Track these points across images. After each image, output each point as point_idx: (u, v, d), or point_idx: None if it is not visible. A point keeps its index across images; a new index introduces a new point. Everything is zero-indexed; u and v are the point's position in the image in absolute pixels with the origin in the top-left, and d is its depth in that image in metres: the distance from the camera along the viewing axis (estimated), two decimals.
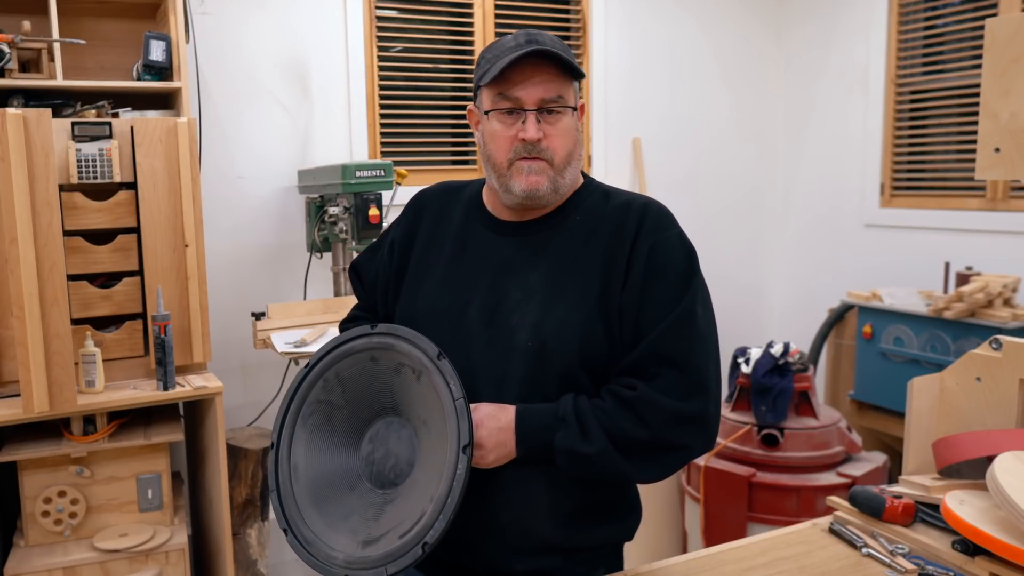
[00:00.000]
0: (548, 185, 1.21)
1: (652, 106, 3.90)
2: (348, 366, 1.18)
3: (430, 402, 1.12)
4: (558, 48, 1.19)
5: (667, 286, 1.19)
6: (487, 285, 1.24)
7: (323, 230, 2.81)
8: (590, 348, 1.18)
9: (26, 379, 2.09)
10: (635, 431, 1.13)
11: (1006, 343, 1.41)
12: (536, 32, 1.22)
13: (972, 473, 1.40)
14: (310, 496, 1.16)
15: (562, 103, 1.20)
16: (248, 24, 3.07)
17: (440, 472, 1.08)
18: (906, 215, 3.61)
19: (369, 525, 1.13)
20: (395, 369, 1.16)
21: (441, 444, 1.09)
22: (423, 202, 1.38)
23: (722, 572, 1.27)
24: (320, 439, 1.19)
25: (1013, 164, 1.38)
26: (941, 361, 2.91)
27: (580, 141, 1.26)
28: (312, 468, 1.18)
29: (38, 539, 2.28)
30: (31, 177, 2.07)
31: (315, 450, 1.19)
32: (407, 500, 1.13)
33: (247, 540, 2.65)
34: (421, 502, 1.09)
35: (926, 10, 3.56)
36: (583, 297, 1.20)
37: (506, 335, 1.20)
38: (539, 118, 1.19)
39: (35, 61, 2.44)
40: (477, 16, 3.50)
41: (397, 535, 1.08)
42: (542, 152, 1.20)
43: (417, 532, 1.05)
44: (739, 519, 2.76)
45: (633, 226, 1.22)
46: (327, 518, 1.15)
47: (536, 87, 1.19)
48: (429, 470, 1.12)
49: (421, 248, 1.33)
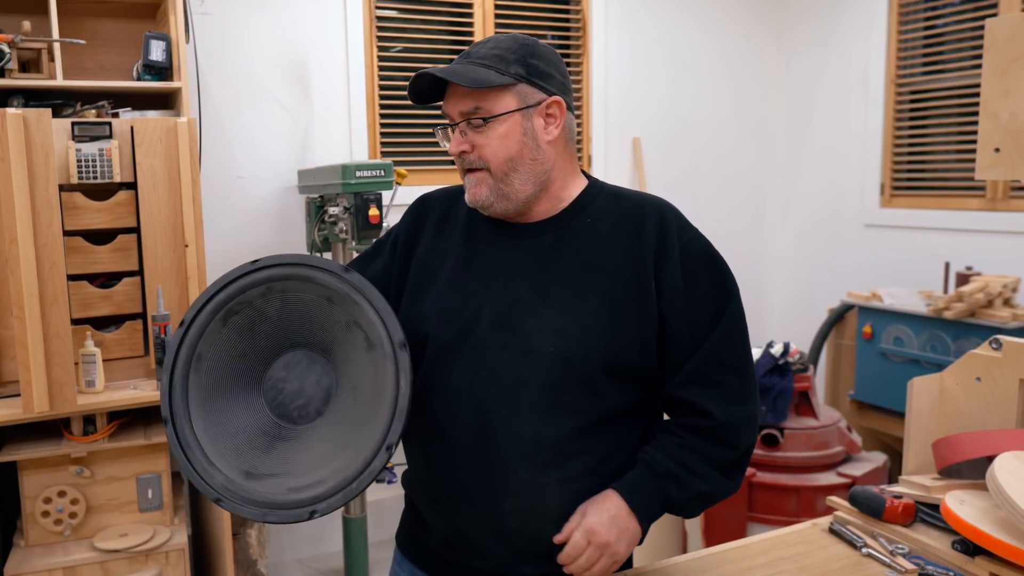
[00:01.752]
0: (488, 194, 1.21)
1: (652, 106, 3.90)
2: (300, 289, 1.11)
3: (368, 377, 1.08)
4: (484, 60, 1.19)
5: (706, 289, 1.21)
6: (498, 288, 1.22)
7: (323, 230, 2.81)
8: (615, 353, 1.17)
9: (26, 379, 2.09)
10: (727, 454, 1.21)
11: (1006, 343, 1.41)
12: (480, 42, 1.24)
13: (972, 473, 1.40)
14: (203, 393, 1.09)
15: (481, 113, 1.19)
16: (248, 24, 3.07)
17: (349, 446, 1.05)
18: (906, 215, 3.61)
19: (256, 455, 1.08)
20: (347, 324, 1.10)
21: (362, 420, 1.07)
22: (427, 205, 1.37)
23: (722, 572, 1.27)
24: (235, 339, 1.11)
25: (1013, 164, 1.38)
26: (941, 361, 2.91)
27: (534, 144, 1.21)
28: (217, 365, 1.10)
29: (38, 539, 2.28)
30: (31, 177, 2.07)
31: (225, 348, 1.11)
32: (303, 449, 1.09)
33: (247, 540, 2.65)
34: (319, 464, 1.06)
35: (926, 10, 3.56)
36: (606, 301, 1.18)
37: (522, 338, 1.18)
38: (465, 130, 1.20)
39: (35, 61, 2.44)
40: (477, 16, 3.50)
41: (286, 486, 1.05)
42: (474, 163, 1.21)
43: (309, 497, 1.03)
44: (739, 519, 2.76)
45: (654, 229, 1.22)
46: (213, 426, 1.08)
47: (455, 102, 1.20)
48: (336, 435, 1.08)
49: (425, 251, 1.31)
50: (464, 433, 1.18)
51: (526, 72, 1.20)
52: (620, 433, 1.22)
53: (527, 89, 1.20)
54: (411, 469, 1.31)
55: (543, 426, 1.16)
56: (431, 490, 1.24)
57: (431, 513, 1.25)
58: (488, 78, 1.17)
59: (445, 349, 1.21)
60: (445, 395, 1.20)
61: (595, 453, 1.19)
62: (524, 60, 1.21)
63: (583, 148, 3.80)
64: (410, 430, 1.28)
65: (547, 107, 1.22)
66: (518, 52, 1.21)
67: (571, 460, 1.17)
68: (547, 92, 1.22)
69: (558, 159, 1.24)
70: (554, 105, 1.22)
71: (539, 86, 1.21)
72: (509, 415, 1.16)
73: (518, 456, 1.16)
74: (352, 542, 2.84)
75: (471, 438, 1.17)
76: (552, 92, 1.22)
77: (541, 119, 1.21)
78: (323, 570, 3.19)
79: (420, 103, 1.25)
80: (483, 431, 1.17)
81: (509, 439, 1.16)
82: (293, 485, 1.05)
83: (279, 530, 3.19)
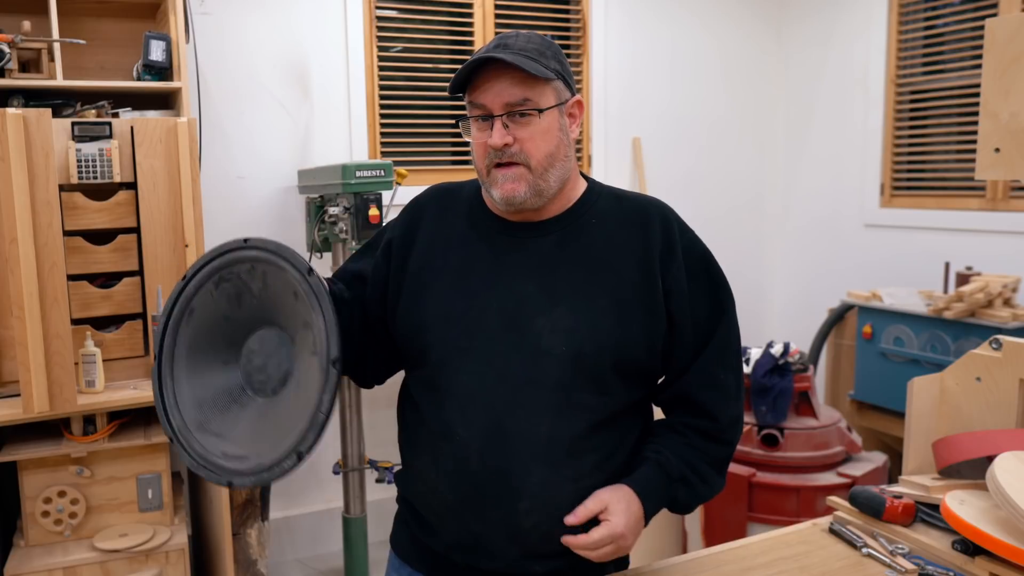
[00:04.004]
0: (526, 190, 1.19)
1: (652, 106, 3.90)
2: (276, 276, 1.15)
3: (309, 378, 1.10)
4: (525, 52, 1.17)
5: (707, 291, 1.25)
6: (504, 288, 1.21)
7: (323, 230, 2.81)
8: (625, 351, 1.18)
9: (26, 379, 2.09)
10: (724, 452, 1.27)
11: (1006, 343, 1.41)
12: (510, 35, 1.20)
13: (972, 473, 1.40)
14: (188, 343, 1.17)
15: (531, 105, 1.17)
16: (248, 24, 3.07)
17: (276, 436, 1.08)
18: (906, 215, 3.61)
19: (213, 412, 1.15)
20: (304, 323, 1.13)
21: (294, 416, 1.08)
22: (421, 205, 1.34)
23: (722, 572, 1.27)
24: (223, 303, 1.17)
25: (1013, 164, 1.38)
26: (941, 361, 2.91)
27: (567, 141, 1.22)
28: (205, 322, 1.17)
29: (38, 539, 2.28)
30: (31, 177, 2.07)
31: (214, 309, 1.17)
32: (247, 420, 1.14)
33: (247, 540, 2.65)
34: (252, 440, 1.10)
35: (926, 10, 3.56)
36: (614, 300, 1.19)
37: (532, 339, 1.17)
38: (507, 123, 1.17)
39: (35, 61, 2.44)
40: (477, 16, 3.50)
41: (221, 449, 1.10)
42: (515, 156, 1.18)
43: (231, 468, 1.08)
44: (739, 519, 2.76)
45: (659, 230, 1.23)
46: (188, 374, 1.16)
47: (500, 92, 1.16)
48: (273, 420, 1.12)
49: (422, 252, 1.28)
50: (476, 435, 1.17)
51: (561, 69, 1.21)
52: (624, 430, 1.23)
53: (561, 86, 1.21)
54: (414, 473, 1.28)
55: (557, 426, 1.16)
56: (440, 494, 1.21)
57: (439, 517, 1.23)
58: (543, 70, 1.17)
59: (451, 351, 1.20)
60: (453, 397, 1.19)
61: (603, 450, 1.20)
62: (557, 57, 1.22)
63: (583, 148, 3.80)
64: (413, 434, 1.27)
65: (571, 106, 1.24)
66: (551, 48, 1.22)
67: (582, 458, 1.18)
68: (572, 91, 1.24)
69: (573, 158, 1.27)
70: (575, 105, 1.24)
71: (568, 84, 1.23)
72: (523, 416, 1.16)
73: (533, 457, 1.16)
74: (352, 542, 2.84)
75: (484, 440, 1.16)
76: (574, 91, 1.25)
77: (566, 117, 1.23)
78: (323, 570, 3.19)
79: (453, 92, 1.22)
80: (496, 433, 1.16)
81: (524, 440, 1.16)
82: (226, 451, 1.11)
83: (279, 530, 3.20)
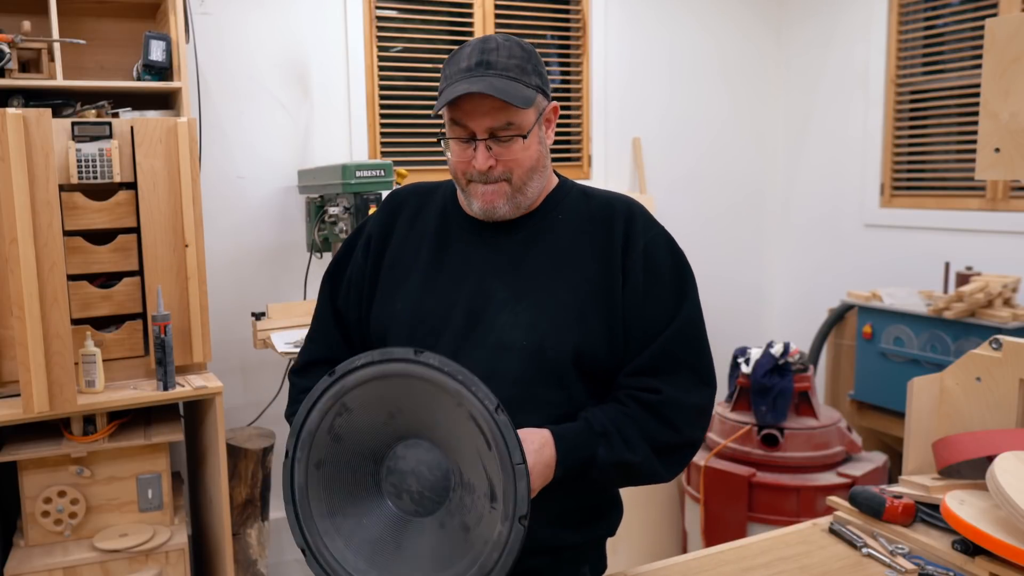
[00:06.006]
0: (505, 203, 1.22)
1: (652, 106, 3.90)
2: (397, 388, 1.04)
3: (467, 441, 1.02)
4: (507, 72, 1.16)
5: (665, 285, 1.24)
6: (473, 286, 1.23)
7: (323, 230, 2.81)
8: (586, 346, 1.20)
9: (26, 379, 2.09)
10: (667, 435, 1.19)
11: (1006, 343, 1.41)
12: (491, 47, 1.18)
13: (972, 473, 1.40)
14: (324, 505, 1.06)
15: (514, 131, 1.18)
16: (248, 24, 3.07)
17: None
18: (906, 215, 3.61)
19: (386, 545, 1.05)
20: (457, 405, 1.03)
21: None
22: (398, 201, 1.36)
23: (722, 572, 1.27)
24: (363, 420, 1.07)
25: (1013, 164, 1.38)
26: (941, 361, 2.91)
27: (545, 151, 1.24)
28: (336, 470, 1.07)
29: (38, 539, 2.28)
30: (31, 177, 2.07)
31: (356, 426, 1.06)
32: (424, 544, 1.05)
33: (247, 540, 2.65)
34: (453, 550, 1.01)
35: (926, 10, 3.56)
36: (576, 296, 1.21)
37: (495, 334, 1.20)
38: (490, 144, 1.18)
39: (35, 61, 2.44)
40: (477, 16, 3.50)
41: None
42: (498, 177, 1.20)
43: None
44: (739, 519, 2.76)
45: (621, 226, 1.24)
46: (346, 540, 1.05)
47: (484, 117, 1.17)
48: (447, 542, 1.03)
49: (396, 248, 1.31)
50: None
51: (540, 82, 1.22)
52: None
53: (539, 98, 1.22)
54: None
55: (517, 420, 1.15)
56: None
57: None
58: (527, 95, 1.17)
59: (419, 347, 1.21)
60: None
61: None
62: (536, 68, 1.22)
63: (583, 148, 3.80)
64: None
65: (548, 112, 1.25)
66: (531, 60, 1.21)
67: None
68: (548, 98, 1.24)
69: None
70: (552, 111, 1.25)
71: (545, 93, 1.23)
72: None
73: None
74: None
75: None
76: (550, 97, 1.25)
77: (543, 124, 1.24)
78: None
79: (437, 112, 1.22)
80: None
81: None
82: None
83: (279, 530, 3.19)
